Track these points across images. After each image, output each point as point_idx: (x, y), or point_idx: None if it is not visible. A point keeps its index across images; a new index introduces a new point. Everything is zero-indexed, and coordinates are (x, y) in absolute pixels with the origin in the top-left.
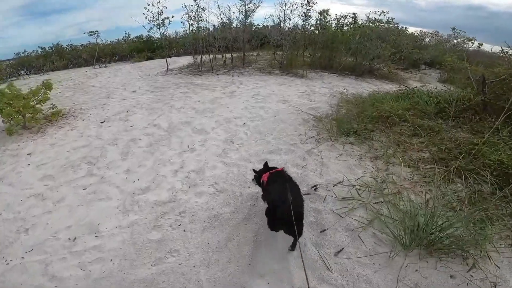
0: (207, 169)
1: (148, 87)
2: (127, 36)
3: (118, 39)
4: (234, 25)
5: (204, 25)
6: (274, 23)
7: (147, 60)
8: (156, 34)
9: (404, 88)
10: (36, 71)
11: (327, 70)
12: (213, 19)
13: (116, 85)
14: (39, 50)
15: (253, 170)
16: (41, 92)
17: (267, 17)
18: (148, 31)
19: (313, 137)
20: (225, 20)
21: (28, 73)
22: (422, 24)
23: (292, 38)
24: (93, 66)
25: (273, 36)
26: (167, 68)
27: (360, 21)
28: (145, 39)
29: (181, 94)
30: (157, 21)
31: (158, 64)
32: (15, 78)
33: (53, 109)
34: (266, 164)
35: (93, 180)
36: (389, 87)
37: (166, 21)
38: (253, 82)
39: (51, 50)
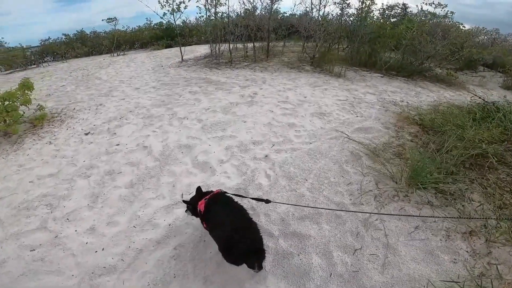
0: (205, 245)
1: (155, 83)
2: (149, 22)
3: (139, 26)
4: (258, 11)
5: (224, 10)
6: (306, 10)
7: (166, 48)
8: (170, 20)
9: (480, 101)
10: (60, 58)
11: (367, 69)
12: (233, 3)
13: (123, 78)
14: (63, 37)
15: (184, 201)
16: (20, 94)
17: (297, 3)
18: (161, 18)
19: (371, 190)
20: (248, 5)
21: (52, 60)
22: (462, 19)
23: (327, 28)
24: (112, 54)
25: (303, 25)
26: (182, 58)
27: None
28: (165, 27)
29: (190, 95)
30: (172, 6)
31: (175, 53)
32: (34, 66)
33: (39, 110)
34: (199, 189)
35: (45, 238)
36: (450, 94)
37: (182, 5)
38: (279, 82)
39: (74, 37)
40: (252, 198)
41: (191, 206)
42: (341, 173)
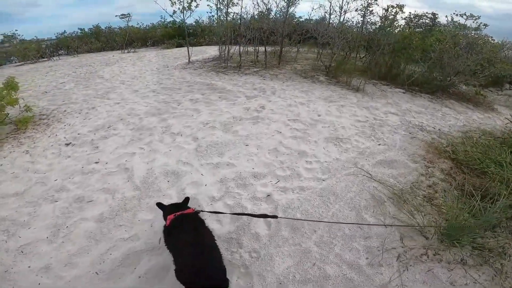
0: None
1: (156, 85)
2: (162, 20)
3: (153, 23)
4: (273, 14)
5: (236, 11)
6: (325, 14)
7: (176, 47)
8: (180, 19)
9: None
10: (72, 52)
11: (388, 82)
12: (247, 3)
13: (125, 78)
14: (79, 31)
15: (158, 203)
16: (5, 93)
17: (315, 7)
18: (170, 16)
19: (394, 248)
20: (262, 7)
21: (65, 53)
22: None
23: (346, 36)
24: (122, 51)
25: (319, 31)
26: (189, 59)
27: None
28: (177, 25)
29: (190, 103)
30: (182, 4)
31: (184, 53)
32: (45, 59)
33: (27, 111)
34: (186, 200)
35: None
36: (478, 117)
37: (193, 4)
38: (291, 93)
39: (89, 32)
40: (256, 216)
41: (163, 213)
42: (358, 222)
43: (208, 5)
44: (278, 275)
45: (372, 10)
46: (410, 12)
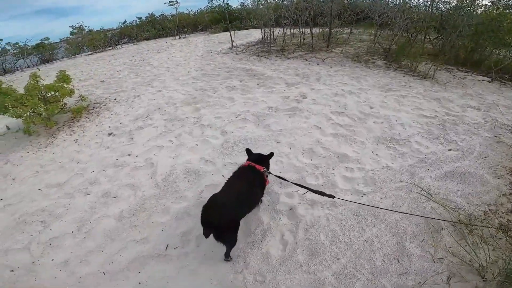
0: None
1: (197, 72)
2: (210, 5)
3: (201, 8)
4: None
5: None
6: None
7: (223, 31)
8: (219, 2)
9: None
10: (133, 40)
11: (468, 69)
12: None
13: (170, 64)
14: (137, 20)
15: (247, 149)
16: (59, 86)
17: None
18: (211, 0)
19: None
20: None
21: (127, 41)
22: None
23: (411, 16)
24: (174, 37)
25: (376, 10)
26: (232, 44)
27: None
28: (223, 9)
29: (226, 91)
30: None
31: (229, 37)
32: (110, 48)
33: (82, 100)
34: (270, 155)
35: (24, 261)
36: None
37: None
38: (338, 80)
39: (146, 20)
40: (314, 191)
41: (248, 157)
42: (397, 253)
43: None
44: None
45: None
46: None
